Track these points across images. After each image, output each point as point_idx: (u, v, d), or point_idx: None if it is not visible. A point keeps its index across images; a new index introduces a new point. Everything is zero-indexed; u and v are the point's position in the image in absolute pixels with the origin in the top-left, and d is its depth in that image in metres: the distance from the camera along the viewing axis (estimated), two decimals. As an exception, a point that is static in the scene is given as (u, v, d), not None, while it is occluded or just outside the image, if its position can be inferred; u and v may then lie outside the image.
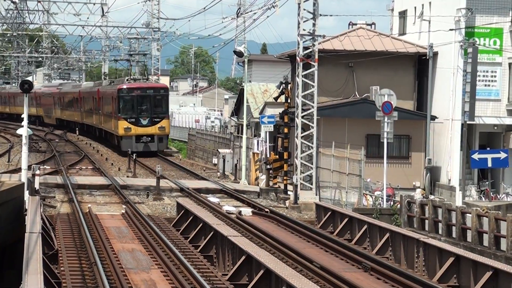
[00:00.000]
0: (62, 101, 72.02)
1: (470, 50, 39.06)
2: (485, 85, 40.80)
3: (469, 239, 23.33)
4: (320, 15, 31.28)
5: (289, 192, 31.62)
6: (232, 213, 25.65)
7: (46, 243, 18.38)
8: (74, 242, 20.23)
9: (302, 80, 30.41)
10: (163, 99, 48.75)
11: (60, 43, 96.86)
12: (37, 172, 27.26)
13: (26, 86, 24.58)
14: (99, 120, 56.48)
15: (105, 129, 54.24)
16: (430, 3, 43.09)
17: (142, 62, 57.23)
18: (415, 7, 44.68)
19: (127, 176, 36.24)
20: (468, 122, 39.32)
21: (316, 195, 30.34)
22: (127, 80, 49.91)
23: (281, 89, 34.35)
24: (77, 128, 66.55)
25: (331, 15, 40.81)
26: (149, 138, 47.24)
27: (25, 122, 25.32)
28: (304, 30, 30.43)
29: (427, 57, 40.89)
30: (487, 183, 38.08)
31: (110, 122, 51.13)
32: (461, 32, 39.97)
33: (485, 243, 22.69)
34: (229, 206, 27.25)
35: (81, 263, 17.90)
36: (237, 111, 56.90)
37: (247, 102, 43.60)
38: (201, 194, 30.09)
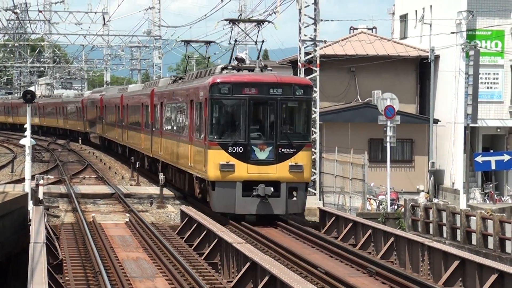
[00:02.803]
0: (104, 112, 52.79)
1: (471, 52, 39.08)
2: (488, 88, 40.81)
3: (474, 242, 23.31)
4: (321, 20, 31.34)
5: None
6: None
7: (50, 253, 18.37)
8: (79, 252, 20.23)
9: (304, 86, 30.36)
10: (302, 107, 24.68)
11: (62, 52, 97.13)
12: (41, 182, 27.28)
13: (29, 96, 24.61)
14: (152, 144, 34.95)
15: (167, 162, 31.98)
16: (431, 6, 43.11)
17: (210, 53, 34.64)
18: (416, 11, 44.69)
19: (131, 185, 36.23)
20: (471, 125, 39.31)
21: (319, 200, 30.32)
22: (223, 69, 26.12)
23: (283, 95, 34.24)
24: (80, 138, 66.33)
25: (332, 20, 40.87)
26: (271, 189, 23.85)
27: (28, 132, 25.34)
28: (305, 35, 30.47)
29: (429, 61, 40.89)
30: (491, 185, 38.06)
31: (182, 151, 28.52)
32: (462, 35, 40.00)
33: (490, 245, 22.65)
34: (233, 213, 27.14)
35: (86, 273, 17.89)
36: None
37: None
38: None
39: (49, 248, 18.44)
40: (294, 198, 24.23)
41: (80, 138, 66.01)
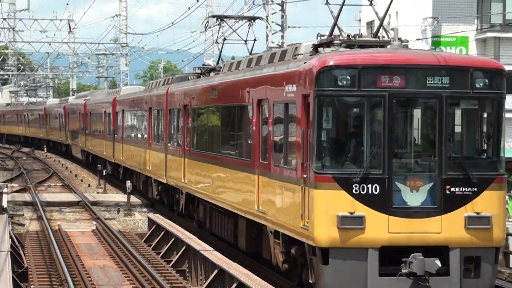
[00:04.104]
0: (88, 121, 45.21)
1: (437, 59, 39.41)
2: (453, 94, 41.19)
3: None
4: (289, 27, 31.40)
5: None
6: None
7: (15, 261, 18.13)
8: (44, 260, 19.99)
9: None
10: (486, 110, 14.12)
11: (27, 60, 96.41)
12: (5, 190, 26.94)
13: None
14: (167, 166, 25.90)
15: (196, 194, 22.50)
16: (396, 12, 43.39)
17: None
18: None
19: (97, 192, 35.96)
20: (437, 131, 39.61)
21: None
22: (318, 46, 15.50)
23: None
24: (45, 146, 65.59)
25: (299, 27, 41.03)
26: (436, 262, 13.21)
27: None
28: (272, 42, 30.51)
29: (395, 67, 41.15)
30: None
31: (234, 183, 18.51)
32: (427, 41, 40.30)
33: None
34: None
35: (51, 281, 17.67)
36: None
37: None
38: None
39: (14, 257, 18.20)
40: (474, 277, 13.76)
41: (45, 146, 65.28)
